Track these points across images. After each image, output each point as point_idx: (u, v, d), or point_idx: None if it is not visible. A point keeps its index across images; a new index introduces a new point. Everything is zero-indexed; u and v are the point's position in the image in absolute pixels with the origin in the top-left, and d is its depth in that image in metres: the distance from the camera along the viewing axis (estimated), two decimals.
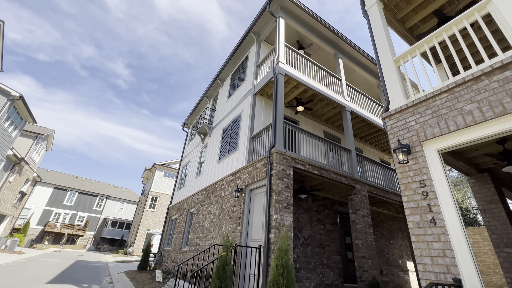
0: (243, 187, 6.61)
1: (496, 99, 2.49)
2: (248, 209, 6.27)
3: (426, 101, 3.12)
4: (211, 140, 10.88)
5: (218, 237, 7.06)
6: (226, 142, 9.05)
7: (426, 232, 2.67)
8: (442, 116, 2.90)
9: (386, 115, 3.53)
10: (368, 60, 10.64)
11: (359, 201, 6.91)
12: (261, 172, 6.03)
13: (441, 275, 2.44)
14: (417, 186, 2.90)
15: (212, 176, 9.25)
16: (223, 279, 3.53)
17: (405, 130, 3.25)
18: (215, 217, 7.65)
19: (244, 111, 8.43)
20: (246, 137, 7.57)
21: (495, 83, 2.54)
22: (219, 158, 9.19)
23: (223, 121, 10.19)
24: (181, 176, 14.20)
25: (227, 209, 7.06)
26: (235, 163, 7.74)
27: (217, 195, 8.04)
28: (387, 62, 3.96)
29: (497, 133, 2.47)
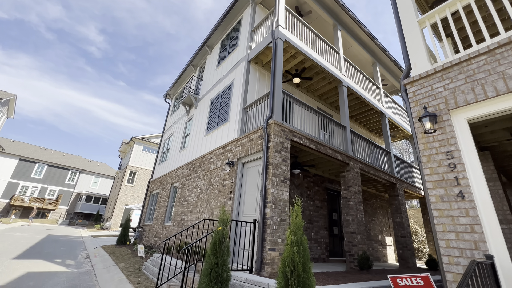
0: (234, 160, 6.18)
1: None
2: (240, 183, 5.90)
3: (459, 64, 2.79)
4: (198, 112, 10.14)
5: (205, 211, 6.71)
6: (215, 114, 8.42)
7: (451, 206, 2.46)
8: (478, 81, 2.60)
9: (408, 81, 3.18)
10: (366, 36, 10.18)
11: (352, 178, 6.82)
12: (256, 145, 5.60)
13: (468, 251, 2.27)
14: (443, 158, 2.64)
15: (198, 149, 8.69)
16: (220, 255, 3.19)
17: (430, 98, 2.94)
18: (203, 192, 7.24)
19: (236, 80, 7.76)
20: (238, 108, 7.01)
21: None
22: (206, 131, 8.59)
23: (211, 91, 9.44)
24: (163, 150, 13.42)
25: (216, 183, 6.65)
26: (225, 136, 7.23)
27: (205, 169, 7.57)
28: (410, 23, 3.54)
29: None
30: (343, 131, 7.52)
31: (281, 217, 4.69)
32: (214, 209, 6.30)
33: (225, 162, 6.54)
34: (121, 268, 6.52)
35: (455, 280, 2.26)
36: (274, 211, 4.60)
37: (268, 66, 8.00)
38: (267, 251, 4.28)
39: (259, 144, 5.49)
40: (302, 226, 2.50)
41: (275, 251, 4.37)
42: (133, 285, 5.06)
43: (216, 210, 6.20)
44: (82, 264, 7.31)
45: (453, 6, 3.15)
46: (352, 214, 6.47)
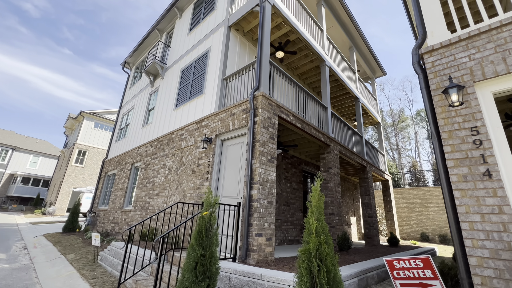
0: (212, 137, 5.46)
1: None
2: (219, 163, 5.26)
3: (488, 32, 2.53)
4: (165, 83, 8.91)
5: (176, 194, 5.94)
6: (186, 85, 7.41)
7: (476, 186, 2.26)
8: (510, 51, 2.37)
9: (427, 50, 2.86)
10: (348, 17, 9.93)
11: (332, 159, 6.69)
12: (239, 120, 4.96)
13: (495, 234, 2.09)
14: (467, 134, 2.42)
15: (166, 125, 7.65)
16: (207, 245, 2.61)
17: (453, 69, 2.67)
18: (172, 172, 6.39)
19: (214, 47, 6.82)
20: (217, 78, 6.18)
21: None
22: (176, 104, 7.57)
23: (181, 60, 8.29)
24: (120, 126, 11.80)
25: (190, 162, 5.88)
26: (199, 110, 6.38)
27: (175, 147, 6.67)
28: None
29: None
30: (325, 112, 7.28)
31: (268, 199, 4.24)
32: (187, 191, 5.57)
33: (200, 139, 5.77)
34: (70, 261, 5.48)
35: (480, 265, 2.08)
36: (261, 192, 4.12)
37: (250, 35, 7.21)
38: (254, 236, 3.83)
39: (243, 119, 4.86)
40: (323, 211, 2.06)
41: (262, 237, 3.94)
42: (87, 281, 4.20)
43: (189, 193, 5.49)
44: (17, 257, 5.99)
45: None
46: (331, 196, 6.39)
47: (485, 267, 2.06)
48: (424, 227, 14.35)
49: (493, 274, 2.02)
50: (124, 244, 4.08)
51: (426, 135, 33.17)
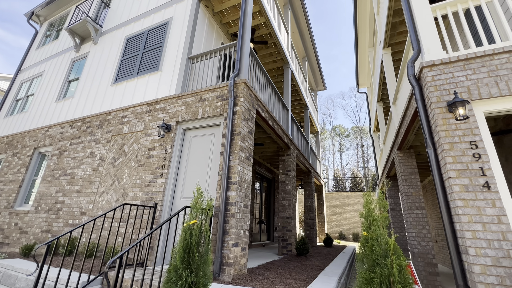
0: (172, 123, 4.46)
1: None
2: (179, 156, 4.31)
3: (482, 58, 2.80)
4: (98, 50, 7.01)
5: (111, 192, 4.58)
6: (133, 57, 5.97)
7: (477, 197, 2.39)
8: (501, 77, 2.66)
9: (428, 65, 2.99)
10: (307, 28, 10.34)
11: (291, 162, 6.63)
12: (212, 107, 4.19)
13: (495, 242, 2.23)
14: (467, 147, 2.57)
15: (98, 102, 5.96)
16: (199, 268, 1.87)
17: (452, 85, 2.84)
18: (105, 163, 4.93)
19: (177, 19, 5.74)
20: (179, 56, 5.18)
21: None
22: (116, 78, 6.00)
23: (128, 27, 6.70)
24: (17, 96, 8.69)
25: (135, 152, 4.64)
26: (152, 89, 5.19)
27: (112, 131, 5.20)
28: (421, 6, 3.39)
29: None
30: (287, 114, 7.20)
31: (244, 202, 3.67)
32: (130, 189, 4.35)
33: (154, 124, 4.65)
34: None
35: (483, 272, 2.18)
36: (239, 194, 3.51)
37: (219, 17, 6.45)
38: (230, 247, 3.19)
39: (218, 106, 4.13)
40: (387, 222, 1.71)
41: (238, 247, 3.34)
42: None
43: (133, 191, 4.30)
44: None
45: (465, 3, 3.20)
46: (288, 199, 6.29)
47: (488, 275, 2.17)
48: (341, 227, 16.42)
49: (496, 281, 2.14)
50: (36, 267, 2.73)
51: (338, 147, 38.70)
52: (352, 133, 38.70)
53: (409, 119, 3.97)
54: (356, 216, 16.20)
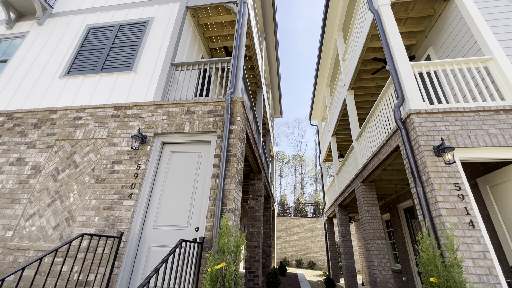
0: (148, 134, 3.79)
1: None
2: (154, 173, 3.63)
3: (455, 113, 3.36)
4: (45, 32, 5.70)
5: (47, 214, 3.44)
6: (97, 51, 5.05)
7: (465, 234, 2.69)
8: (471, 131, 3.22)
9: (415, 111, 3.41)
10: (275, 56, 10.94)
11: (261, 187, 6.46)
12: (203, 122, 3.77)
13: (484, 277, 2.49)
14: (452, 188, 2.92)
15: (39, 95, 4.69)
16: None
17: (435, 132, 3.28)
18: (42, 175, 3.75)
19: (159, 20, 5.24)
20: (161, 60, 4.64)
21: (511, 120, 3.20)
22: (68, 70, 4.90)
23: (93, 15, 5.73)
24: None
25: (93, 164, 3.70)
26: (122, 91, 4.41)
27: (58, 134, 4.07)
28: (403, 62, 3.96)
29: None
30: (259, 137, 7.14)
31: (236, 233, 3.25)
32: (81, 212, 3.35)
33: (124, 133, 3.86)
34: None
35: None
36: (233, 224, 3.10)
37: (202, 29, 6.19)
38: None
39: (211, 122, 3.74)
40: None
41: None
42: None
43: (85, 215, 3.32)
44: None
45: (435, 67, 3.90)
46: (257, 226, 5.99)
47: None
48: (286, 253, 16.61)
49: None
50: None
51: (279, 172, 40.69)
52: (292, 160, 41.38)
53: (384, 157, 4.40)
54: (300, 241, 16.73)
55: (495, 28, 4.01)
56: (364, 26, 5.65)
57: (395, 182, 6.32)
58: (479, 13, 4.15)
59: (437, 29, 5.17)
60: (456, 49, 4.57)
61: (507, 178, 3.31)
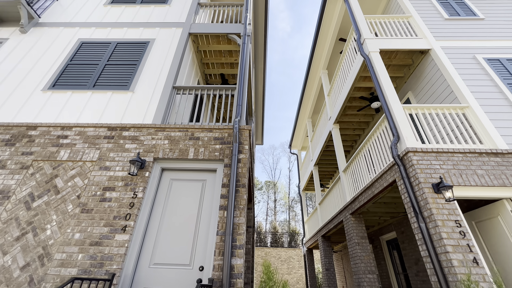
0: (148, 159, 3.50)
1: (497, 173, 3.47)
2: (152, 203, 3.28)
3: (447, 153, 3.68)
4: (29, 41, 5.26)
5: (15, 251, 2.84)
6: (89, 66, 4.76)
7: (471, 271, 2.78)
8: (462, 171, 3.52)
9: (412, 150, 3.67)
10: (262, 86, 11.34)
11: (251, 217, 6.20)
12: (209, 149, 3.61)
13: None
14: (454, 225, 3.08)
15: (15, 108, 4.15)
16: None
17: (431, 170, 3.52)
18: (11, 201, 3.16)
19: (160, 42, 5.19)
20: (161, 82, 4.51)
21: (493, 162, 3.59)
22: (53, 84, 4.49)
23: (87, 29, 5.49)
24: None
25: (79, 191, 3.24)
26: (118, 110, 4.11)
27: (36, 154, 3.56)
28: (396, 104, 4.35)
29: (497, 197, 3.37)
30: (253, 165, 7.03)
31: (245, 273, 2.99)
32: (58, 249, 2.83)
33: (118, 156, 3.51)
34: None
35: None
36: (243, 264, 2.85)
37: (200, 55, 6.25)
38: None
39: (217, 150, 3.60)
40: None
41: None
42: None
43: (65, 251, 2.81)
44: None
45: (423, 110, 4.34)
46: (248, 260, 5.62)
47: None
48: None
49: None
50: None
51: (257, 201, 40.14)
52: (265, 187, 41.26)
53: (378, 190, 4.58)
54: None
55: (467, 81, 4.66)
56: (352, 68, 6.19)
57: (380, 214, 6.55)
58: (453, 68, 4.83)
59: (415, 77, 5.86)
60: (434, 95, 5.17)
61: (492, 215, 3.61)
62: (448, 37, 5.48)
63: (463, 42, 5.33)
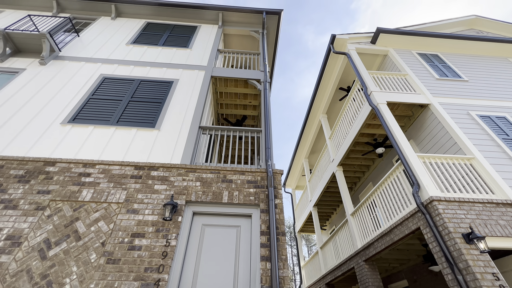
0: (180, 202, 3.32)
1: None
2: (184, 252, 3.02)
3: (468, 202, 3.87)
4: (48, 73, 5.19)
5: None
6: (113, 101, 4.72)
7: None
8: (486, 221, 3.67)
9: (436, 198, 3.83)
10: None
11: None
12: (243, 193, 3.52)
13: None
14: (492, 278, 3.09)
15: (30, 141, 3.88)
16: None
17: (458, 220, 3.64)
18: (22, 249, 2.76)
19: (184, 83, 5.35)
20: (188, 122, 4.53)
21: (510, 213, 3.81)
22: (74, 117, 4.34)
23: (109, 66, 5.57)
24: None
25: (103, 237, 2.93)
26: (144, 149, 3.99)
27: (54, 193, 3.24)
28: (410, 153, 4.65)
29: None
30: None
31: None
32: None
33: (147, 197, 3.31)
34: None
35: None
36: None
37: (216, 96, 6.46)
38: None
39: (252, 194, 3.52)
40: None
41: None
42: None
43: None
44: None
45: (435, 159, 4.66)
46: None
47: None
48: None
49: None
50: None
51: None
52: None
53: (398, 237, 4.58)
54: None
55: (467, 134, 5.17)
56: (359, 116, 6.65)
57: (391, 261, 6.44)
58: (453, 122, 5.37)
59: (416, 127, 6.40)
60: (436, 145, 5.61)
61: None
62: (442, 94, 6.20)
63: (456, 99, 6.04)
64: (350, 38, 7.81)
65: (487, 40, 7.66)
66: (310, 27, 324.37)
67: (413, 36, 7.62)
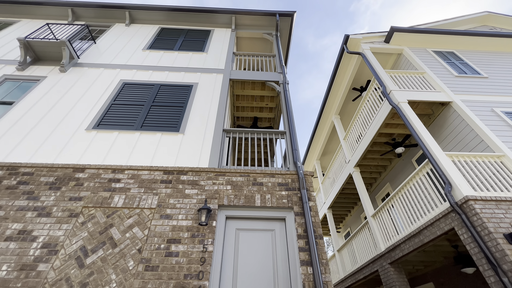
0: (213, 207, 3.26)
1: None
2: (221, 258, 2.94)
3: (505, 201, 3.75)
4: (69, 80, 5.21)
5: None
6: (135, 106, 4.71)
7: None
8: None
9: (472, 198, 3.71)
10: None
11: None
12: (275, 196, 3.44)
13: None
14: None
15: (57, 148, 3.87)
16: None
17: (497, 219, 3.52)
18: (62, 259, 2.71)
19: (203, 87, 5.33)
20: (211, 125, 4.49)
21: None
22: (98, 123, 4.33)
23: (128, 71, 5.58)
24: None
25: (139, 243, 2.87)
26: (170, 153, 3.95)
27: (86, 199, 3.21)
28: (438, 152, 4.54)
29: None
30: None
31: None
32: None
33: (178, 202, 3.25)
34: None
35: None
36: None
37: (232, 98, 6.42)
38: None
39: (284, 196, 3.44)
40: None
41: None
42: None
43: None
44: None
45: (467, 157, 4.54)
46: None
47: None
48: None
49: None
50: None
51: None
52: None
53: (429, 239, 4.45)
54: None
55: (495, 131, 5.04)
56: (377, 115, 6.55)
57: (415, 263, 6.28)
58: (479, 119, 5.25)
59: (437, 125, 6.28)
60: (461, 144, 5.48)
61: None
62: (463, 91, 6.09)
63: (478, 96, 5.92)
64: (364, 38, 7.76)
65: (503, 36, 7.55)
66: (309, 30, 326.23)
67: (428, 34, 7.54)
